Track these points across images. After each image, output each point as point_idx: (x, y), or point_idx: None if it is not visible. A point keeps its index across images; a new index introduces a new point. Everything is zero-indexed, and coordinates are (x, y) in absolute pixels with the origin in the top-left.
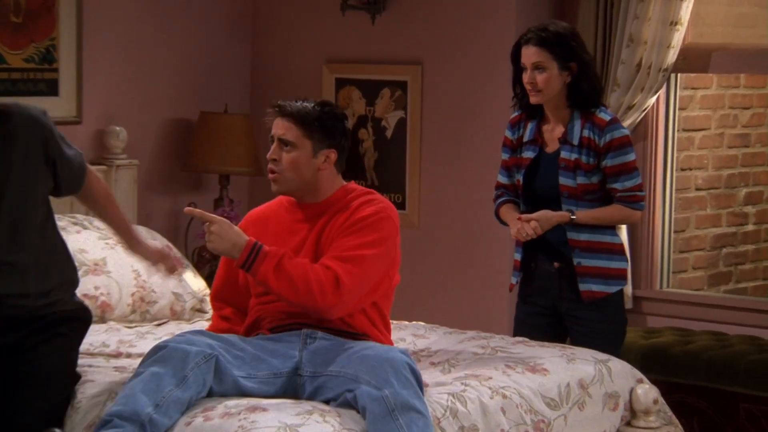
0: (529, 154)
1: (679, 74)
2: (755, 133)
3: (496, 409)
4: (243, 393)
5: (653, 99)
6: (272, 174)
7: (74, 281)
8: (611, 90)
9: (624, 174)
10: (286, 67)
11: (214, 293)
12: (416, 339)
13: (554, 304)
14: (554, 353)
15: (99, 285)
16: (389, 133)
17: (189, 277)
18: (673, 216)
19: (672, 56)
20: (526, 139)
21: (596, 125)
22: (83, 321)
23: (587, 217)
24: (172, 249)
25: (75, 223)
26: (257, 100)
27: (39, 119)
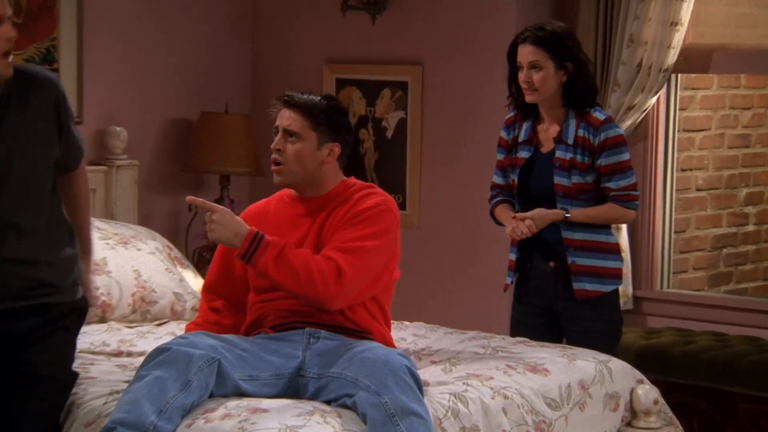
0: (524, 154)
1: (680, 75)
2: (756, 134)
3: (498, 410)
4: (244, 395)
5: (653, 99)
6: (276, 165)
7: (76, 260)
8: (612, 90)
9: (618, 173)
10: (287, 68)
11: (207, 285)
12: (417, 339)
13: (550, 304)
14: (555, 353)
15: (99, 285)
16: (390, 134)
17: (189, 277)
18: (674, 216)
19: (672, 57)
20: (522, 139)
21: (591, 125)
22: (83, 311)
23: (581, 216)
24: (173, 249)
25: None
26: (257, 100)
27: (55, 81)
